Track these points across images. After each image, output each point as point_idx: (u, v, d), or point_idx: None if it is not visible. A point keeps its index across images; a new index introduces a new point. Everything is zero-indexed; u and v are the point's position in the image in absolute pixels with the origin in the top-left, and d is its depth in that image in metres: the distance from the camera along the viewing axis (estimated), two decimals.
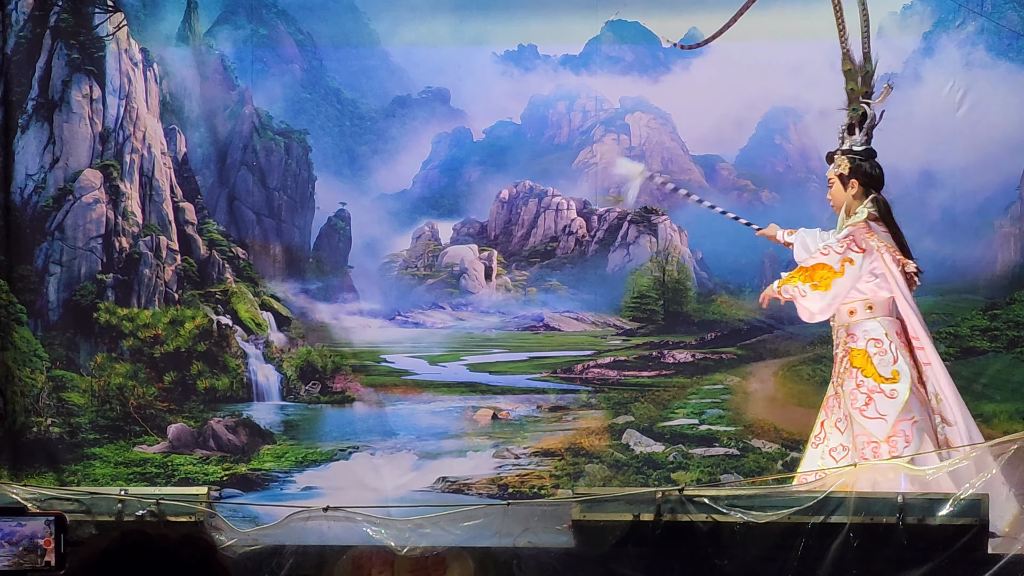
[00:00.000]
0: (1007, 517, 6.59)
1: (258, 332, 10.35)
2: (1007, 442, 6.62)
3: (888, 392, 7.03)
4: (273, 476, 10.06)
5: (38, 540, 5.12)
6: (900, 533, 6.39)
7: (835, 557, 6.41)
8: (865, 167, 7.26)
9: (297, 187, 10.46)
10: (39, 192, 10.35)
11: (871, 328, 7.14)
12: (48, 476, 9.99)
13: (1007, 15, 9.83)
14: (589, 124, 10.39)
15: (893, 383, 7.05)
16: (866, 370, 7.09)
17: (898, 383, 7.04)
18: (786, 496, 6.62)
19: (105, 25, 10.42)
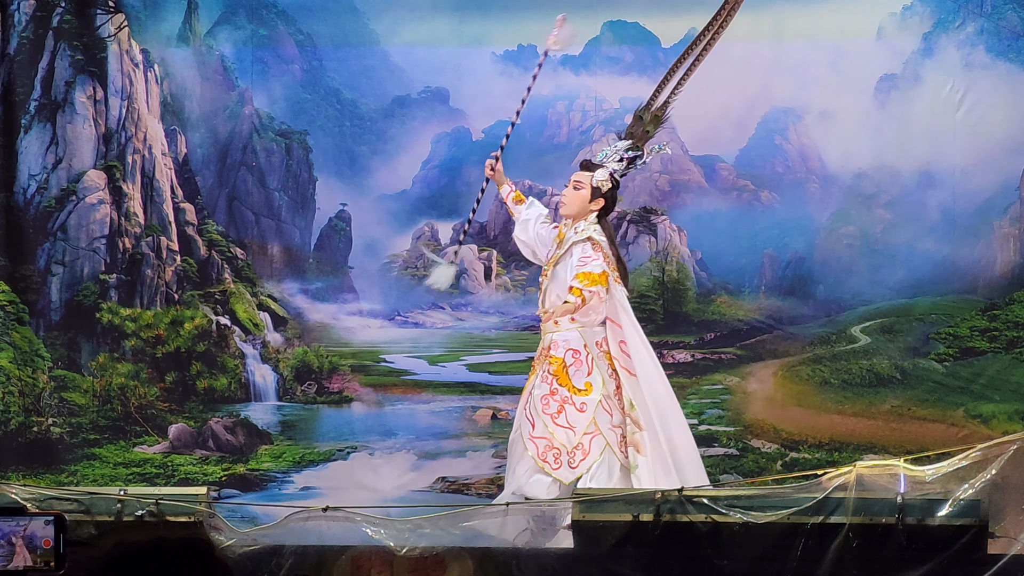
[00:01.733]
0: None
1: (256, 332, 10.35)
2: (1007, 442, 6.62)
3: (578, 404, 7.31)
4: (271, 476, 10.06)
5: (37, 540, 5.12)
6: (899, 534, 6.39)
7: (834, 558, 6.41)
8: (613, 196, 7.57)
9: (298, 188, 10.46)
10: (42, 193, 10.36)
11: (572, 339, 7.38)
12: (48, 476, 9.99)
13: (1007, 16, 9.83)
14: (588, 124, 10.39)
15: (584, 395, 7.33)
16: (561, 379, 7.34)
17: (589, 395, 7.33)
18: (785, 496, 6.62)
19: (107, 26, 10.42)
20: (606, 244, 7.42)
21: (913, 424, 9.72)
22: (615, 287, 7.39)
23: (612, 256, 7.42)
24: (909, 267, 9.85)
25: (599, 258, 7.33)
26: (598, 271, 7.29)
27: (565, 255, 7.41)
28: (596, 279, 7.27)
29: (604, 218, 7.54)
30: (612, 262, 7.40)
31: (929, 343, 9.84)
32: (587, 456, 7.30)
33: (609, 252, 7.40)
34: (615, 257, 7.44)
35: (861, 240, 9.97)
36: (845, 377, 9.86)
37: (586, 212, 7.50)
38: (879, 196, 9.97)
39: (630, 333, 7.41)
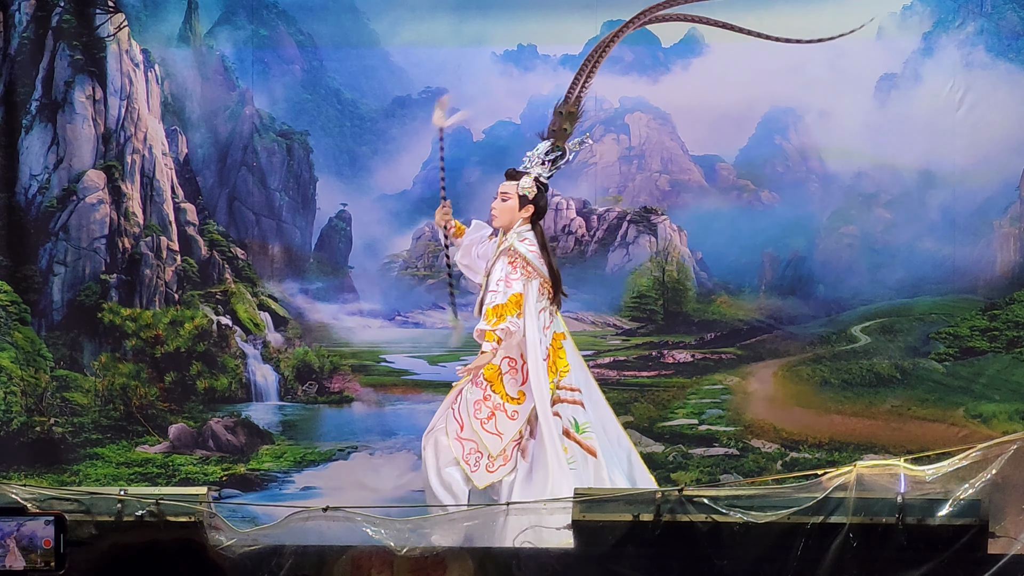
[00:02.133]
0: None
1: (256, 332, 10.36)
2: (1007, 442, 6.62)
3: (510, 412, 7.34)
4: (272, 476, 10.07)
5: (37, 540, 5.13)
6: (900, 533, 6.40)
7: (835, 557, 6.41)
8: (543, 200, 7.58)
9: (298, 188, 10.46)
10: (43, 192, 10.37)
11: (508, 347, 7.37)
12: (51, 476, 10.00)
13: (1007, 16, 9.84)
14: (589, 124, 10.34)
15: (517, 403, 7.36)
16: (495, 385, 7.38)
17: (521, 404, 7.35)
18: (786, 496, 6.62)
19: (106, 26, 10.42)
20: (531, 254, 7.42)
21: (913, 424, 9.73)
22: (535, 304, 7.38)
23: (541, 264, 7.42)
24: (909, 267, 9.86)
25: (516, 277, 7.35)
26: (504, 299, 7.33)
27: (494, 266, 7.44)
28: (504, 310, 7.31)
29: (537, 223, 7.55)
30: (538, 270, 7.40)
31: (929, 343, 9.84)
32: (507, 463, 7.32)
33: (536, 262, 7.41)
34: (547, 264, 7.44)
35: (861, 240, 9.97)
36: (845, 377, 9.86)
37: (516, 220, 7.54)
38: (879, 196, 9.97)
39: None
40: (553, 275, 7.48)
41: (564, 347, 7.53)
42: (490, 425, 7.36)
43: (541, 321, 7.41)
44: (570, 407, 7.45)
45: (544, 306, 7.46)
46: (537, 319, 7.40)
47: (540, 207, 7.57)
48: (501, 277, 7.39)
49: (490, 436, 7.36)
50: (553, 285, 7.47)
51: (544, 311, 7.45)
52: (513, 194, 7.56)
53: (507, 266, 7.41)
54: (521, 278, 7.38)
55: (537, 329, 7.38)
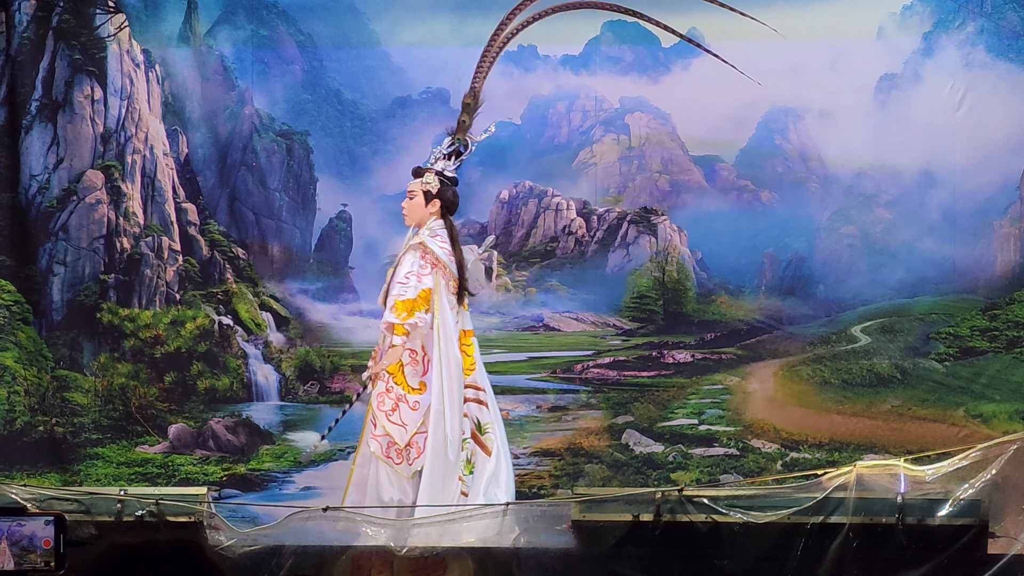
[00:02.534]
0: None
1: (258, 332, 10.36)
2: (1007, 442, 6.63)
3: (411, 403, 7.37)
4: (272, 476, 10.06)
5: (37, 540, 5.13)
6: (899, 533, 6.41)
7: (835, 557, 6.43)
8: (448, 193, 7.63)
9: (298, 188, 10.46)
10: (43, 193, 10.37)
11: (411, 339, 7.41)
12: (53, 476, 10.00)
13: (1007, 16, 9.83)
14: (589, 124, 10.39)
15: (419, 394, 7.39)
16: (397, 377, 7.43)
17: (423, 395, 7.39)
18: (786, 496, 6.63)
19: (107, 26, 10.42)
20: (442, 250, 7.45)
21: (913, 424, 9.72)
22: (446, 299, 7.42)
23: (450, 261, 7.45)
24: (909, 267, 9.85)
25: (427, 272, 7.38)
26: (414, 294, 7.35)
27: (402, 258, 7.49)
28: (414, 305, 7.33)
29: (447, 217, 7.60)
30: (447, 267, 7.43)
31: (929, 343, 9.83)
32: (421, 455, 7.34)
33: (446, 258, 7.44)
34: (456, 261, 7.46)
35: (861, 240, 9.97)
36: (845, 377, 9.86)
37: (427, 216, 7.57)
38: (879, 196, 9.97)
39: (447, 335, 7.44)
40: (460, 272, 7.48)
41: (473, 344, 7.56)
42: (395, 416, 7.40)
43: (451, 317, 7.42)
44: (475, 406, 7.46)
45: (452, 303, 7.47)
46: (449, 314, 7.39)
47: (447, 201, 7.61)
48: (412, 271, 7.42)
49: (395, 427, 7.38)
50: (459, 282, 7.46)
51: (452, 308, 7.47)
52: (418, 191, 7.62)
53: (418, 260, 7.43)
54: (431, 273, 7.41)
55: (450, 324, 7.38)
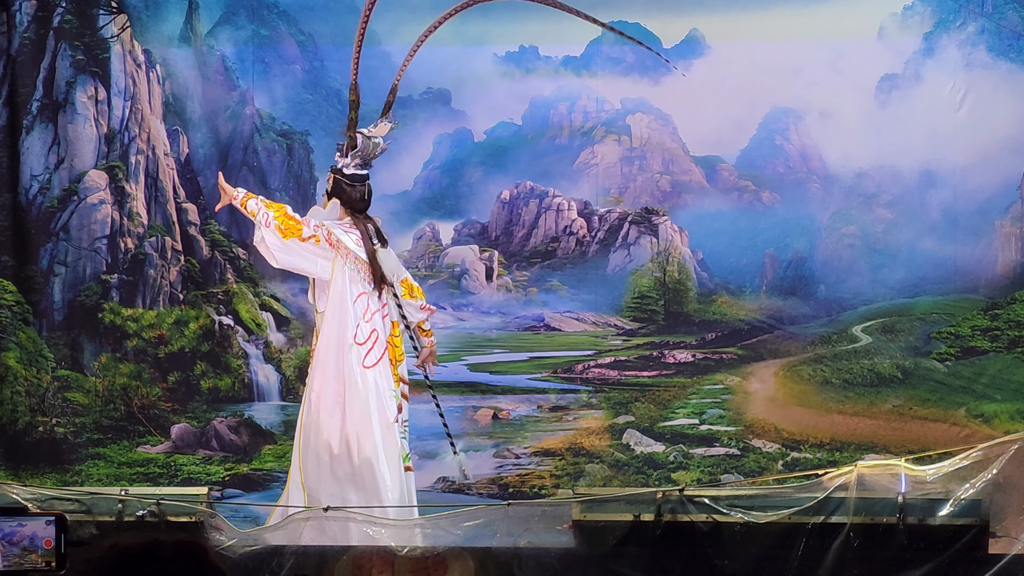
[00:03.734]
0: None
1: (258, 332, 10.36)
2: (1008, 442, 6.63)
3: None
4: (274, 476, 10.07)
5: (38, 540, 5.13)
6: (900, 533, 6.41)
7: (835, 557, 6.43)
8: (347, 191, 7.61)
9: (299, 188, 10.46)
10: (44, 193, 10.37)
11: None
12: (54, 476, 10.00)
13: (1008, 16, 9.83)
14: (590, 125, 10.39)
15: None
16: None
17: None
18: (787, 496, 6.63)
19: (109, 26, 10.43)
20: (347, 236, 7.46)
21: (914, 424, 9.72)
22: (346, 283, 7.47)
23: (357, 247, 7.46)
24: (910, 267, 9.85)
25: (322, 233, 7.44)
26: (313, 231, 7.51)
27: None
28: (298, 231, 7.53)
29: (355, 214, 7.60)
30: (349, 252, 7.44)
31: (930, 342, 9.84)
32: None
33: (349, 244, 7.44)
34: (367, 252, 7.47)
35: (862, 240, 9.97)
36: (846, 377, 9.86)
37: (335, 211, 7.60)
38: (880, 196, 9.97)
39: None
40: (372, 261, 7.48)
41: (401, 336, 7.63)
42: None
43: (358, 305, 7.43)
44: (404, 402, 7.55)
45: (364, 290, 7.46)
46: (345, 296, 7.43)
47: (346, 198, 7.61)
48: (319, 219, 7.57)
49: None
50: (373, 271, 7.46)
51: (365, 295, 7.46)
52: (327, 191, 7.69)
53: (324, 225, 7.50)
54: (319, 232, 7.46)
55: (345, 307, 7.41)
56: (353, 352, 7.40)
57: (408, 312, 7.63)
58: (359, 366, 7.40)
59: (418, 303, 7.71)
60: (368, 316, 7.45)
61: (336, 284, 7.45)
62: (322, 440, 7.34)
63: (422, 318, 7.73)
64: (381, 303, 7.51)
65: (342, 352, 7.41)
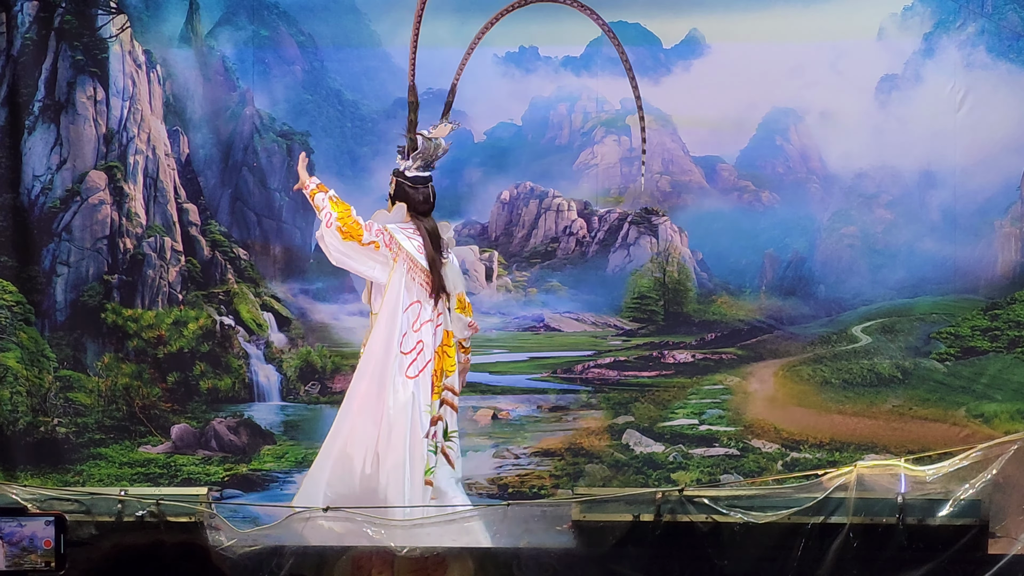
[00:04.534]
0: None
1: (259, 333, 10.36)
2: (1007, 442, 6.63)
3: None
4: (273, 476, 10.07)
5: (38, 540, 5.13)
6: (900, 534, 6.41)
7: (835, 557, 6.43)
8: (410, 192, 7.59)
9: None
10: (46, 193, 10.38)
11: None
12: (55, 476, 10.01)
13: (1008, 16, 9.83)
14: (590, 125, 10.39)
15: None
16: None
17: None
18: (786, 496, 6.64)
19: (108, 27, 10.43)
20: (410, 243, 7.42)
21: (914, 424, 9.72)
22: (401, 288, 7.44)
23: (419, 254, 7.41)
24: (910, 267, 9.86)
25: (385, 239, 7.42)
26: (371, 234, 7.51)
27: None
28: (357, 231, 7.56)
29: (418, 217, 7.55)
30: (411, 258, 7.40)
31: (930, 343, 9.84)
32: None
33: (410, 250, 7.40)
34: (428, 258, 7.41)
35: (862, 240, 9.97)
36: (846, 377, 9.86)
37: (397, 217, 7.56)
38: (880, 196, 9.98)
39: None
40: (433, 269, 7.42)
41: (454, 346, 7.54)
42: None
43: (409, 314, 7.37)
44: (448, 410, 7.48)
45: (418, 299, 7.41)
46: (399, 302, 7.38)
47: (409, 201, 7.57)
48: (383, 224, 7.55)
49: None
50: (432, 280, 7.41)
51: (417, 304, 7.41)
52: (388, 195, 7.66)
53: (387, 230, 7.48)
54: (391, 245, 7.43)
55: (396, 313, 7.37)
56: (397, 361, 7.34)
57: (455, 326, 7.54)
58: (401, 375, 7.33)
59: (467, 320, 7.61)
60: (417, 326, 7.38)
61: (391, 290, 7.39)
62: (356, 445, 7.30)
63: (467, 335, 7.65)
64: (436, 312, 7.44)
65: (387, 359, 7.34)
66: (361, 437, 7.29)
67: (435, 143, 7.66)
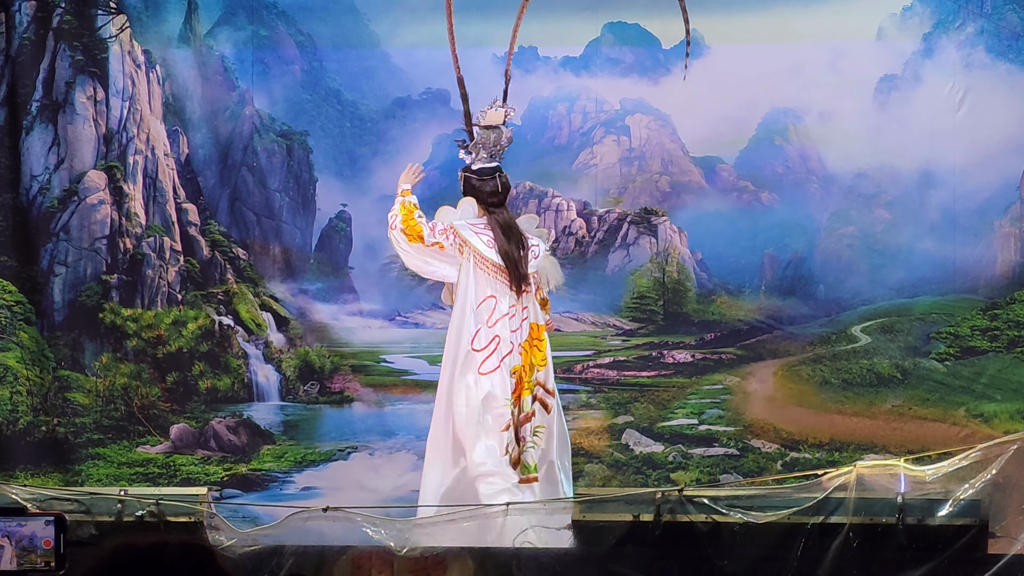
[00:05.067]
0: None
1: (258, 333, 10.36)
2: (1007, 442, 6.63)
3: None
4: (273, 476, 10.07)
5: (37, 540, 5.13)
6: (900, 534, 6.40)
7: (835, 558, 6.42)
8: (477, 185, 7.44)
9: (298, 188, 10.47)
10: (44, 193, 10.37)
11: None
12: (55, 475, 10.01)
13: (1007, 16, 9.84)
14: (589, 126, 10.40)
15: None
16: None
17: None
18: (786, 496, 6.63)
19: (108, 27, 10.43)
20: (477, 238, 7.29)
21: (914, 424, 9.73)
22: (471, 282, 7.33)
23: (487, 248, 7.29)
24: (909, 267, 9.86)
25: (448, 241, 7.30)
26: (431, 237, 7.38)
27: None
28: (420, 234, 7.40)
29: (490, 210, 7.40)
30: (478, 256, 7.29)
31: (930, 343, 9.84)
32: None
33: (477, 244, 7.28)
34: (500, 251, 7.27)
35: (861, 240, 9.98)
36: (846, 377, 9.86)
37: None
38: (879, 196, 9.98)
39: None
40: (507, 262, 7.30)
41: (545, 339, 7.41)
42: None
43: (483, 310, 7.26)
44: (538, 406, 7.35)
45: (492, 293, 7.30)
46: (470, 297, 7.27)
47: (477, 194, 7.44)
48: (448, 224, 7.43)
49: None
50: (509, 273, 7.29)
51: (492, 299, 7.30)
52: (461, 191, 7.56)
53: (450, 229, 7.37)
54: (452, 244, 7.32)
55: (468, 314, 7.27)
56: (470, 358, 7.23)
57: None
58: (474, 373, 7.23)
59: (546, 318, 7.55)
60: (492, 321, 7.25)
61: (460, 287, 7.29)
62: (436, 447, 7.27)
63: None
64: (521, 306, 7.31)
65: (459, 357, 7.25)
66: (440, 438, 7.26)
67: (495, 131, 7.53)
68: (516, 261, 7.32)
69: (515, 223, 7.45)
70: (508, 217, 7.45)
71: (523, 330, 7.32)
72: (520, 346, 7.29)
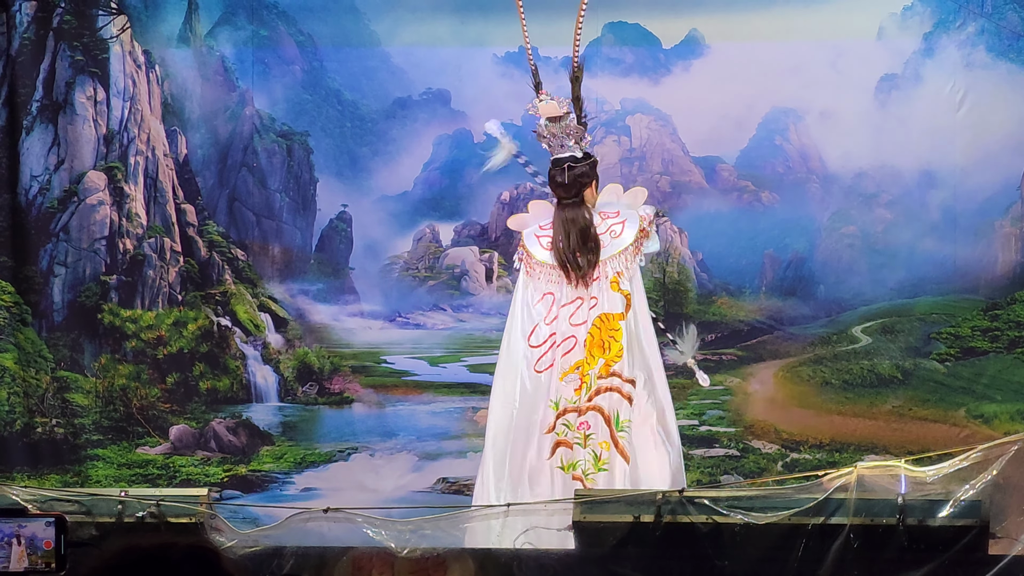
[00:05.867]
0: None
1: (256, 334, 10.36)
2: (1008, 442, 6.62)
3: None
4: (272, 477, 10.07)
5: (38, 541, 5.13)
6: (900, 534, 6.40)
7: (835, 559, 6.42)
8: (553, 174, 7.36)
9: (298, 189, 10.47)
10: (44, 194, 10.37)
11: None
12: (53, 477, 10.01)
13: (1007, 16, 9.84)
14: (590, 126, 10.38)
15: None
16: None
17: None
18: (786, 497, 6.63)
19: (109, 27, 10.43)
20: (535, 245, 7.26)
21: (914, 424, 9.73)
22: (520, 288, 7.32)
23: (539, 248, 7.23)
24: (910, 267, 9.86)
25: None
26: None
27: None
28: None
29: (559, 205, 7.30)
30: (529, 263, 7.28)
31: (930, 343, 9.84)
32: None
33: (532, 248, 7.26)
34: (556, 255, 7.16)
35: (862, 240, 9.97)
36: (846, 377, 9.86)
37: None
38: (880, 196, 9.98)
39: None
40: (556, 251, 7.18)
41: (621, 329, 7.16)
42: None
43: (541, 306, 7.17)
44: (616, 398, 7.11)
45: (550, 290, 7.20)
46: (530, 304, 7.21)
47: (553, 186, 7.35)
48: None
49: None
50: (559, 260, 7.16)
51: (551, 295, 7.20)
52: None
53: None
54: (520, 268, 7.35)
55: (516, 312, 7.22)
56: (525, 357, 7.13)
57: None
58: (530, 370, 7.12)
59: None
60: (550, 318, 7.12)
61: (516, 286, 7.27)
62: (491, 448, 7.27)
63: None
64: (590, 295, 7.10)
65: (511, 356, 7.17)
66: (492, 438, 7.24)
67: (554, 124, 7.42)
68: (574, 258, 7.14)
69: (583, 216, 7.20)
70: (572, 215, 7.20)
71: (589, 322, 7.14)
72: (583, 341, 7.11)
